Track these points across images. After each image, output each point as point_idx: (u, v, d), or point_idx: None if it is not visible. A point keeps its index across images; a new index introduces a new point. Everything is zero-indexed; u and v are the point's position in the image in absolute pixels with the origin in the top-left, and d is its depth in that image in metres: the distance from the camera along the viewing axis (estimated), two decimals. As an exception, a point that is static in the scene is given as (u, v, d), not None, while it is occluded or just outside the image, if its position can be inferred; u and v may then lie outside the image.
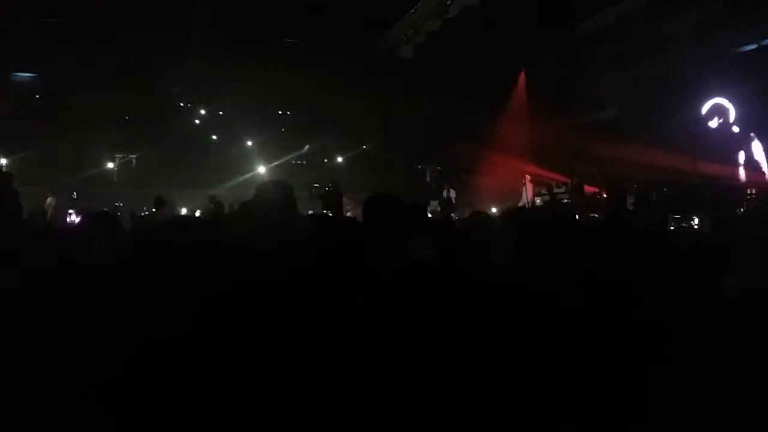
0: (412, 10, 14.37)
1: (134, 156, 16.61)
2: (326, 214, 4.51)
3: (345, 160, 18.63)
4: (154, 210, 7.32)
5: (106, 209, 3.17)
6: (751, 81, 10.57)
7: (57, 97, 15.67)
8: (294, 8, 14.75)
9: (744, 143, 11.08)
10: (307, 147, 18.53)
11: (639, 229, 3.10)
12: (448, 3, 13.01)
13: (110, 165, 16.45)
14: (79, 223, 3.41)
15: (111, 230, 2.87)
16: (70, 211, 8.88)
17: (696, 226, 6.73)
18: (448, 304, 2.08)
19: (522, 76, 16.03)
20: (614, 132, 13.03)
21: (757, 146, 10.88)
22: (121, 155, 16.62)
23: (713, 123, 11.76)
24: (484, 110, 15.71)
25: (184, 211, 12.96)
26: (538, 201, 12.64)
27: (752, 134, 10.91)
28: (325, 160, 18.67)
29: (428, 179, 16.08)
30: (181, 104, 17.66)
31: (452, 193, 14.20)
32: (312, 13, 15.03)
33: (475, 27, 14.21)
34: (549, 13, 14.17)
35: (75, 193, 10.90)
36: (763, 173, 10.74)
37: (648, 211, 9.61)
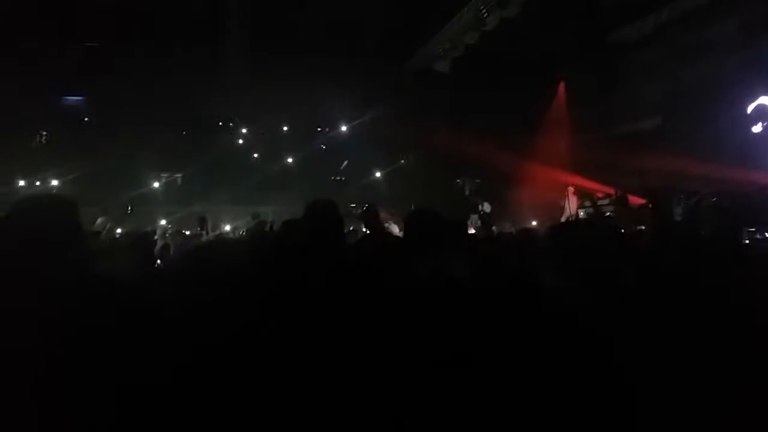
0: (449, 24, 14.39)
1: (179, 175, 17.03)
2: (366, 233, 4.52)
3: (384, 175, 18.70)
4: (198, 229, 7.46)
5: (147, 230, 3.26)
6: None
7: (104, 119, 16.22)
8: (331, 24, 14.95)
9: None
10: (345, 163, 18.68)
11: (686, 245, 3.01)
12: (485, 16, 12.97)
13: (156, 185, 16.89)
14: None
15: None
16: (119, 230, 9.13)
17: None
18: (478, 323, 2.08)
19: (561, 86, 15.86)
20: (658, 141, 12.75)
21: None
22: (166, 174, 17.06)
23: (758, 126, 11.39)
24: (524, 122, 15.58)
25: (227, 228, 13.21)
26: (581, 213, 12.41)
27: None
28: (365, 176, 18.79)
29: (467, 193, 15.97)
30: (221, 123, 18.03)
31: (486, 207, 14.04)
32: (349, 29, 15.22)
33: (513, 39, 14.15)
34: (587, 23, 14.01)
35: (130, 207, 11.16)
36: None
37: (696, 222, 9.34)
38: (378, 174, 18.80)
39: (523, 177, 15.31)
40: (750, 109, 11.50)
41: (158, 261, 4.25)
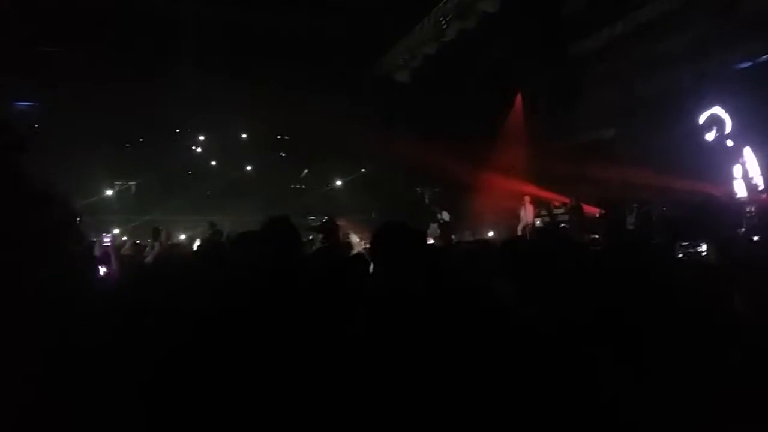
0: (409, 34, 14.49)
1: (134, 183, 16.61)
2: (325, 248, 4.49)
3: (344, 183, 18.66)
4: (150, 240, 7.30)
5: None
6: (746, 95, 10.64)
7: (56, 126, 15.71)
8: (292, 34, 14.88)
9: (739, 156, 11.10)
10: (306, 171, 18.57)
11: (639, 256, 3.08)
12: (445, 27, 13.11)
13: (109, 192, 16.43)
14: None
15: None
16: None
17: (704, 253, 6.50)
18: (438, 334, 2.07)
19: (518, 97, 16.12)
20: (612, 151, 13.07)
21: (751, 158, 10.88)
22: (120, 182, 16.61)
23: (711, 134, 11.74)
24: (482, 132, 15.77)
25: (182, 237, 12.95)
26: (538, 222, 12.62)
27: (747, 147, 10.94)
28: (326, 185, 18.72)
29: (427, 201, 16.09)
30: (178, 130, 17.70)
31: (446, 216, 14.16)
32: (310, 38, 15.18)
33: (472, 50, 14.33)
34: (544, 35, 14.31)
35: (78, 219, 10.79)
36: (757, 186, 10.74)
37: (648, 232, 9.60)
38: (338, 183, 18.75)
39: (481, 186, 15.48)
40: (702, 118, 11.86)
41: (100, 270, 4.14)
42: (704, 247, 6.26)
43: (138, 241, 9.44)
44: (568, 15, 14.40)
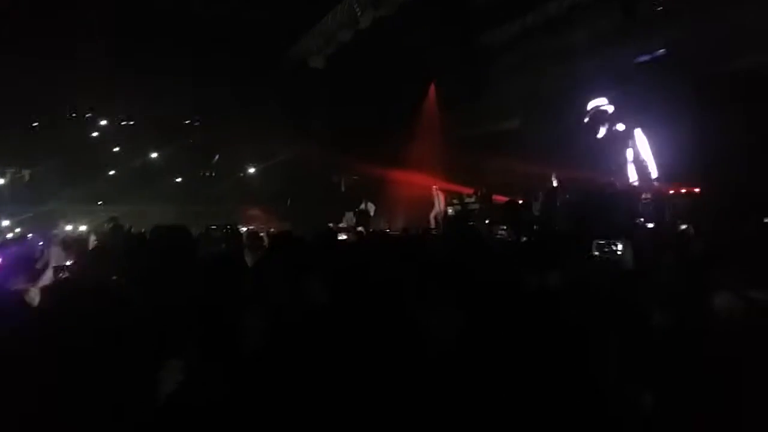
0: (324, 20, 14.30)
1: (28, 171, 15.46)
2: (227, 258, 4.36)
3: (257, 170, 18.26)
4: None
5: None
6: (644, 86, 11.21)
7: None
8: (204, 16, 14.30)
9: (629, 138, 11.56)
10: (217, 158, 18.01)
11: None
12: (359, 14, 13.03)
13: (0, 181, 15.25)
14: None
15: None
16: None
17: (619, 252, 6.66)
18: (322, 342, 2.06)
19: (432, 87, 16.31)
20: (517, 141, 13.51)
21: (642, 141, 11.35)
22: (12, 170, 15.44)
23: (601, 131, 12.18)
24: (396, 121, 15.86)
25: (83, 228, 12.27)
26: (450, 210, 12.87)
27: (638, 128, 11.40)
28: (238, 172, 18.24)
29: (343, 189, 16.05)
30: (74, 114, 16.58)
31: (370, 206, 14.19)
32: (222, 21, 14.64)
33: (386, 38, 14.33)
34: (457, 25, 14.49)
35: None
36: (648, 172, 11.22)
37: (553, 218, 9.99)
38: (251, 170, 18.33)
39: (397, 174, 15.59)
40: (587, 116, 12.26)
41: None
42: (620, 247, 6.40)
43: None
44: (482, 5, 14.60)
